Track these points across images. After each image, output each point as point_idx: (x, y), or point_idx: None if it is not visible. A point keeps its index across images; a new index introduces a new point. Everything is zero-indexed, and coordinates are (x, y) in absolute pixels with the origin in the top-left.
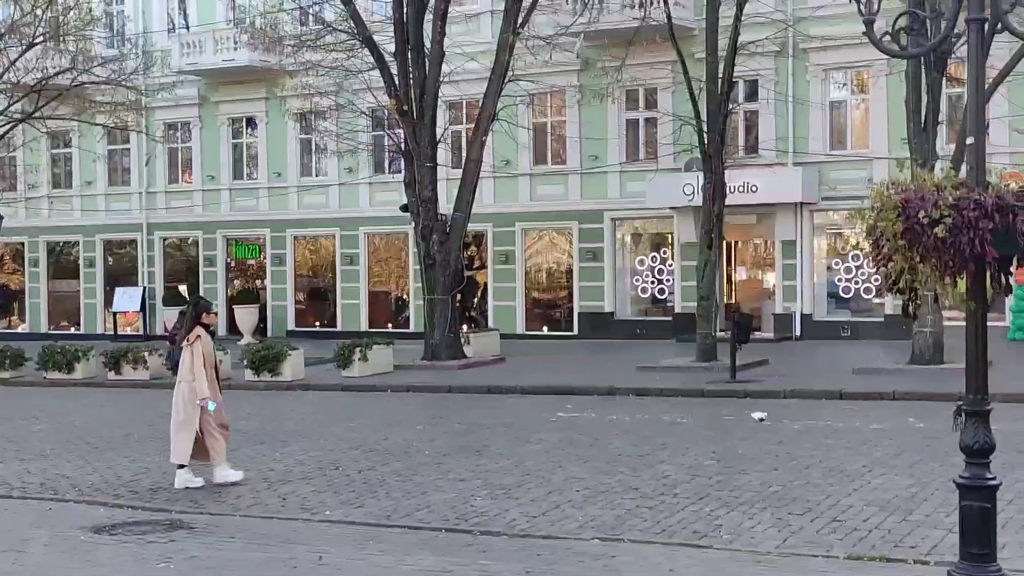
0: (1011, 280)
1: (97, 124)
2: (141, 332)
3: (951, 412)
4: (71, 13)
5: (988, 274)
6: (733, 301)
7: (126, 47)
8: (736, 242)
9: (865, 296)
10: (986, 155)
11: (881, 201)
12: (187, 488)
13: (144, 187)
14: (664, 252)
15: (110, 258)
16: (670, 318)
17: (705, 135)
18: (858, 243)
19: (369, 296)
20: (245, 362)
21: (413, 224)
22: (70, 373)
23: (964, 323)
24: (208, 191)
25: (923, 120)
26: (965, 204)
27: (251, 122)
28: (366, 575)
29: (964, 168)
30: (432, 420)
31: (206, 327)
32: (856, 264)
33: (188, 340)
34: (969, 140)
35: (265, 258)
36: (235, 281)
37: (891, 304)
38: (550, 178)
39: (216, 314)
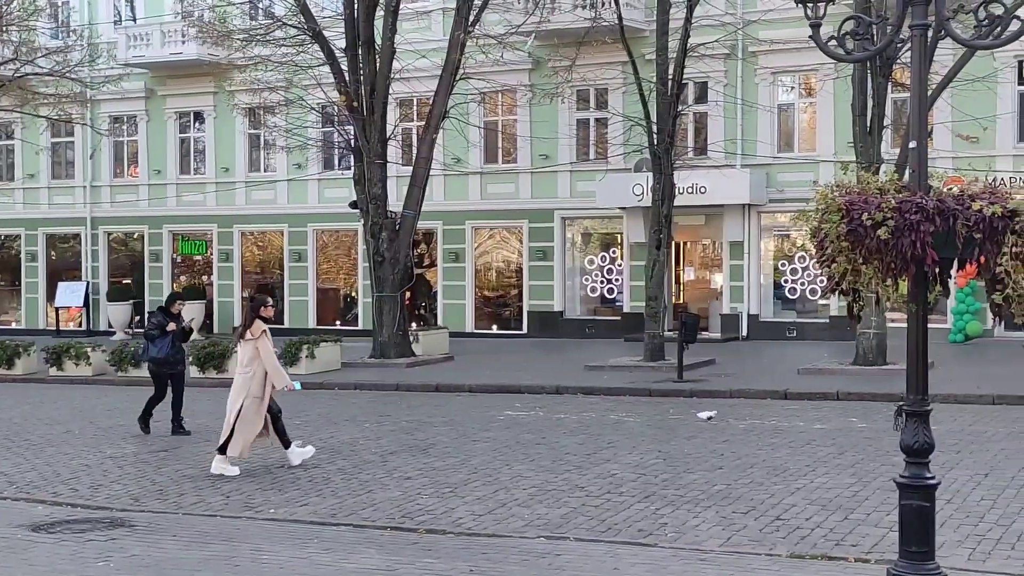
0: (951, 283)
1: (40, 116)
2: (84, 327)
3: (892, 412)
4: (14, 3)
5: (929, 276)
6: (681, 301)
7: (71, 38)
8: (685, 242)
9: (811, 297)
10: (928, 160)
11: (826, 203)
12: (304, 463)
13: (88, 180)
14: (613, 252)
15: (53, 252)
16: (619, 318)
17: (655, 136)
18: (803, 244)
19: (317, 293)
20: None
21: (362, 221)
22: (10, 369)
23: (907, 325)
24: (154, 185)
25: (868, 124)
26: (907, 207)
27: (199, 116)
28: (307, 574)
29: (907, 172)
30: (379, 418)
31: (265, 320)
32: (802, 265)
33: (252, 333)
34: (912, 144)
35: (212, 254)
36: (181, 277)
37: (836, 305)
38: (501, 177)
39: (273, 307)
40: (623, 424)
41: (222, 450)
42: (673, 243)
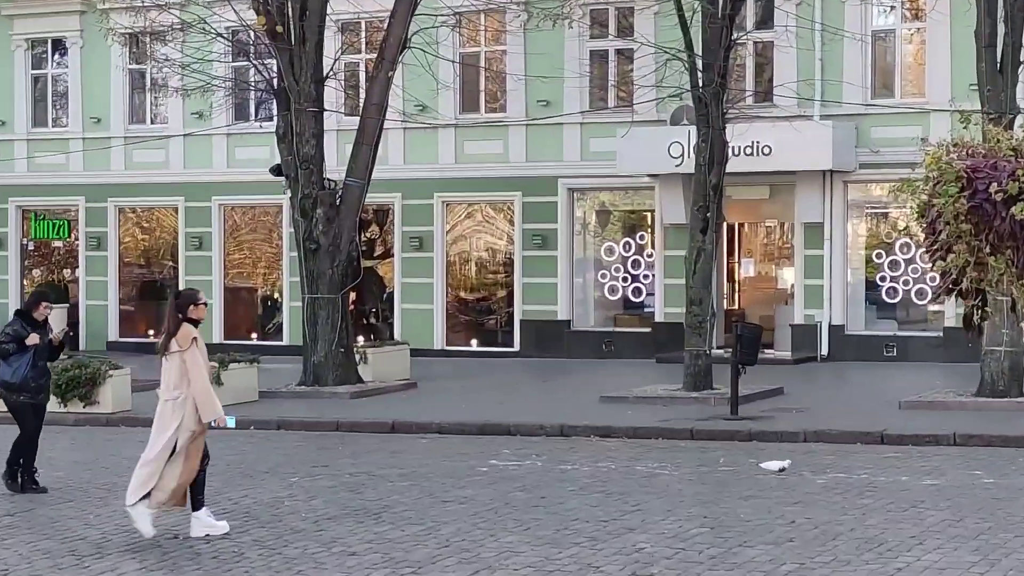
0: None
1: None
2: None
3: None
4: None
5: None
6: (736, 307)
7: None
8: (741, 225)
9: (918, 301)
10: None
11: (939, 169)
12: (208, 536)
13: None
14: (641, 237)
15: None
16: (648, 330)
17: (700, 75)
18: (907, 227)
19: (226, 294)
20: None
21: (289, 193)
22: None
23: None
24: None
25: (999, 58)
26: None
27: (59, 45)
28: None
29: None
30: (312, 470)
31: (194, 323)
32: (906, 256)
33: (179, 343)
34: None
35: (77, 239)
36: (34, 271)
37: (954, 312)
38: (483, 132)
39: (206, 305)
40: (655, 478)
41: (195, 507)
42: (725, 225)
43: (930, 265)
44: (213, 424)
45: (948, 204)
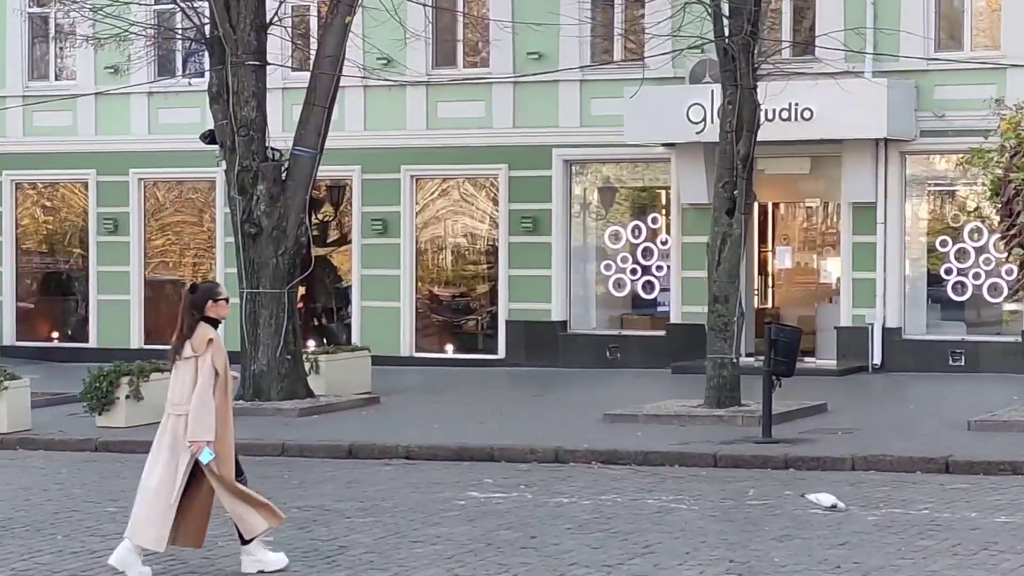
0: None
1: None
2: None
3: None
4: None
5: None
6: (770, 305)
7: None
8: (776, 206)
9: (992, 299)
10: None
11: (1016, 137)
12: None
13: None
14: (654, 221)
15: None
16: (662, 333)
17: (726, 22)
18: (977, 207)
19: (146, 289)
20: None
21: (224, 166)
22: None
23: None
24: None
25: None
26: None
27: None
28: None
29: None
30: None
31: (214, 323)
32: (977, 244)
33: (195, 348)
34: None
35: None
36: None
37: None
38: (462, 91)
39: (227, 301)
40: (671, 514)
41: (244, 540)
42: (756, 206)
43: (1006, 254)
44: (188, 446)
45: None
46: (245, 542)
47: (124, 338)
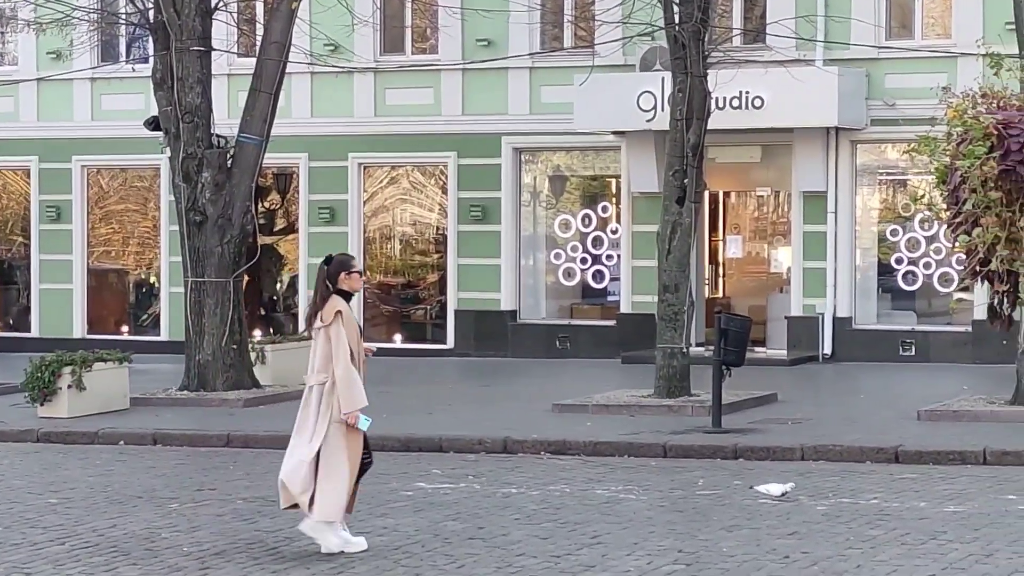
0: None
1: None
2: None
3: None
4: None
5: None
6: (720, 294)
7: None
8: (727, 194)
9: (942, 288)
10: None
11: (963, 125)
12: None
13: None
14: (604, 209)
15: None
16: (612, 322)
17: (676, 9)
18: (924, 196)
19: (90, 278)
20: None
21: (169, 153)
22: None
23: None
24: None
25: None
26: None
27: None
28: None
29: None
30: (195, 494)
31: (346, 296)
32: (927, 234)
33: (322, 318)
34: None
35: None
36: None
37: (986, 302)
38: (409, 78)
39: (360, 274)
40: (619, 504)
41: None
42: (707, 195)
43: (953, 242)
44: (343, 418)
45: (974, 167)
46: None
47: (67, 328)
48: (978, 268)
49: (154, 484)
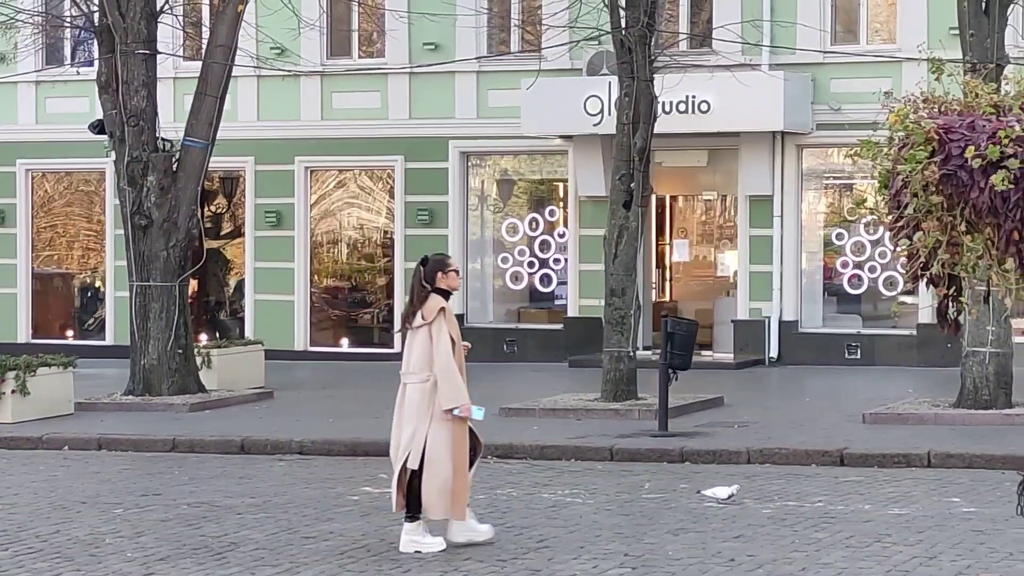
0: None
1: None
2: None
3: (1016, 488)
4: None
5: None
6: (667, 298)
7: None
8: (674, 198)
9: (887, 292)
10: None
11: (905, 129)
12: (417, 553)
13: None
14: (552, 213)
15: None
16: (559, 326)
17: (623, 13)
18: (865, 200)
19: (34, 282)
20: None
21: (114, 156)
22: None
23: None
24: None
25: None
26: None
27: None
28: None
29: None
30: (140, 499)
31: (445, 295)
32: (873, 238)
33: (425, 316)
34: None
35: None
36: None
37: (931, 305)
38: (356, 82)
39: (457, 272)
40: (566, 508)
41: (411, 515)
42: (654, 199)
43: (895, 246)
44: (456, 413)
45: (916, 171)
46: (411, 518)
47: (11, 332)
48: (920, 272)
49: (99, 489)
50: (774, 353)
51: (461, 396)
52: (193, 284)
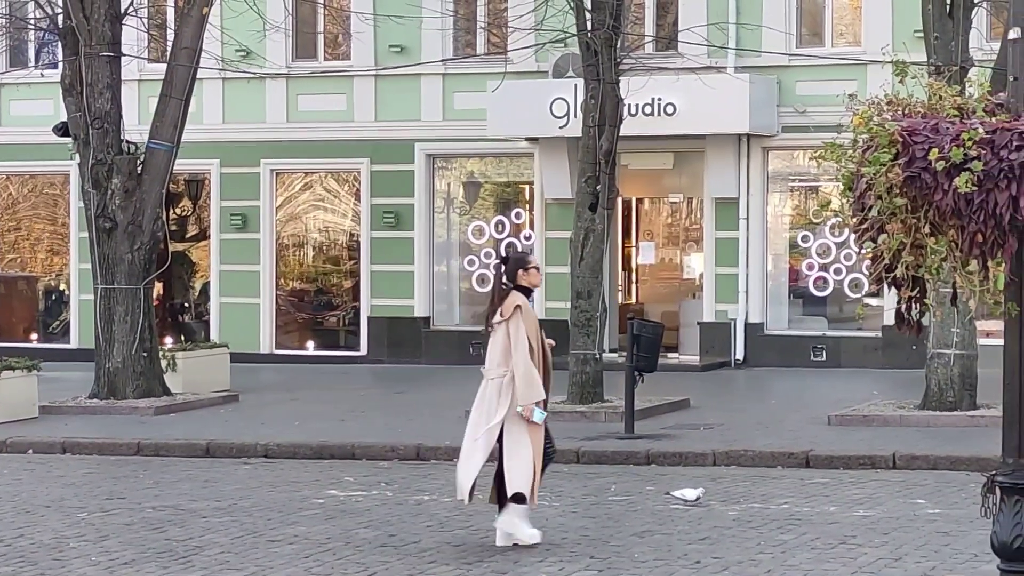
0: None
1: None
2: None
3: (981, 489)
4: None
5: None
6: (634, 301)
7: None
8: (640, 201)
9: (852, 294)
10: None
11: (869, 131)
12: (515, 545)
13: None
14: (518, 216)
15: None
16: None
17: (588, 16)
18: (829, 203)
19: None
20: None
21: (78, 159)
22: None
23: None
24: None
25: (948, 2)
26: (1005, 139)
27: None
28: None
29: (1009, 80)
30: (105, 502)
31: (526, 292)
32: (838, 239)
33: (502, 313)
34: (1013, 34)
35: None
36: None
37: (895, 307)
38: (322, 84)
39: (538, 269)
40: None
41: (518, 497)
42: (620, 201)
43: (859, 248)
44: (519, 411)
45: (880, 174)
46: (518, 499)
47: None
48: (884, 274)
49: (63, 493)
50: (740, 355)
51: (534, 395)
52: (158, 287)
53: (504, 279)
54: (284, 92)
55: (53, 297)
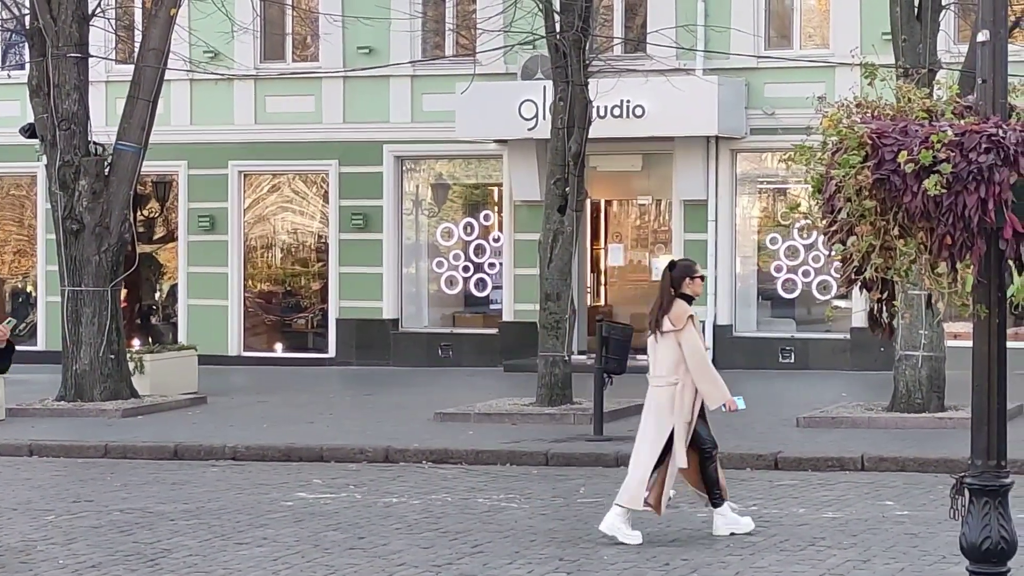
0: None
1: None
2: None
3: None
4: None
5: (1010, 258)
6: (603, 303)
7: None
8: (609, 203)
9: (821, 296)
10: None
11: (838, 133)
12: (732, 534)
13: None
14: (487, 218)
15: None
16: (494, 331)
17: (557, 18)
18: (798, 205)
19: None
20: None
21: (45, 160)
22: None
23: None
24: None
25: (917, 3)
26: (974, 142)
27: None
28: None
29: (977, 83)
30: (72, 505)
31: (688, 300)
32: (806, 242)
33: (674, 322)
34: (982, 36)
35: None
36: None
37: (865, 310)
38: (290, 85)
39: (703, 279)
40: (501, 513)
41: (714, 501)
42: (588, 203)
43: (829, 250)
44: (724, 409)
45: (849, 176)
46: (715, 504)
47: None
48: (853, 276)
49: (30, 496)
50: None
51: (724, 395)
52: (125, 289)
53: (671, 286)
54: (252, 94)
55: (20, 299)
